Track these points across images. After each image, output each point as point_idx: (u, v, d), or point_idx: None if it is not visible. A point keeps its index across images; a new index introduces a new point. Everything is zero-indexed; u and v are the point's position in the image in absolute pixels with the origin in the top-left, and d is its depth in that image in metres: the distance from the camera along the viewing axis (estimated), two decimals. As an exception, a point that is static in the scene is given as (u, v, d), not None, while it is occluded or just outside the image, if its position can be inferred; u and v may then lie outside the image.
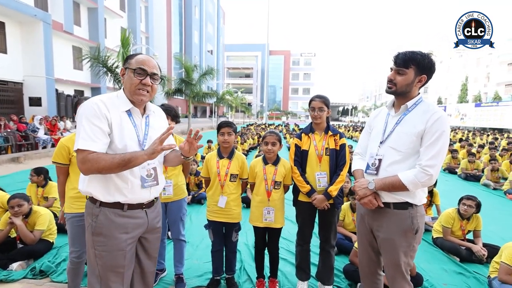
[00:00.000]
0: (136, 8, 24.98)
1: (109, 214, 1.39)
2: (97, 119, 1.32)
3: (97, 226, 1.39)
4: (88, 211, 1.44)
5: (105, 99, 1.39)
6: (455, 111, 31.62)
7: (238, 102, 35.61)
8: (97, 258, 1.40)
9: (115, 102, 1.41)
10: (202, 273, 2.76)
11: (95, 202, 1.41)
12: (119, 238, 1.40)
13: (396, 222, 1.64)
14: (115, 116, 1.37)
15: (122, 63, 11.15)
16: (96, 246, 1.40)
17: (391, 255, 1.67)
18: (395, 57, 1.63)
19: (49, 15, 14.40)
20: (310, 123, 2.44)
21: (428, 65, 1.59)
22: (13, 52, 13.38)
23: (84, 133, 1.30)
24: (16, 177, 6.46)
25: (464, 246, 3.24)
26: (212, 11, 49.35)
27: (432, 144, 1.53)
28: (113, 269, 1.41)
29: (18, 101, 13.87)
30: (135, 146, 1.42)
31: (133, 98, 1.44)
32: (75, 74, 18.39)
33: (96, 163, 1.29)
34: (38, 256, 2.94)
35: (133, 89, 1.42)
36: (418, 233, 1.64)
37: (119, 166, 1.31)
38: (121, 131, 1.38)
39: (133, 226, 1.44)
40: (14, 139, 9.10)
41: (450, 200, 5.21)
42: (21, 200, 2.84)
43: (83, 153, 1.30)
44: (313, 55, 77.74)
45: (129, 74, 1.42)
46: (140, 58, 1.44)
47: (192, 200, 4.96)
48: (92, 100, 1.36)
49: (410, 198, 1.62)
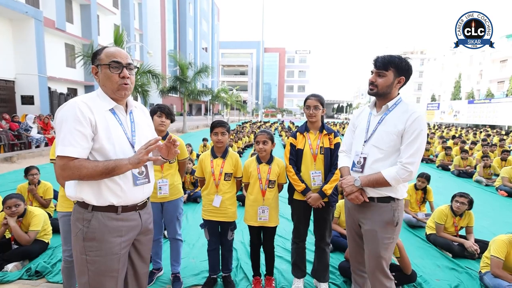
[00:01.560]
0: (130, 5, 24.67)
1: (102, 218, 1.35)
2: (78, 124, 1.25)
3: (89, 231, 1.34)
4: (77, 216, 1.37)
5: (86, 99, 1.33)
6: (448, 108, 31.95)
7: (233, 99, 35.51)
8: (89, 264, 1.35)
9: (97, 102, 1.35)
10: (199, 272, 2.77)
11: (86, 206, 1.35)
12: (113, 242, 1.37)
13: (380, 215, 1.76)
14: (99, 117, 1.32)
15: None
16: (87, 252, 1.35)
17: (372, 246, 1.78)
18: (375, 60, 1.74)
19: (40, 12, 14.15)
20: (305, 122, 2.45)
21: (406, 67, 1.71)
22: (4, 49, 13.14)
23: (64, 139, 1.24)
24: (8, 177, 6.38)
25: (456, 242, 3.30)
26: (206, 8, 49.00)
27: (411, 143, 1.64)
28: (107, 274, 1.38)
29: (10, 100, 13.65)
30: (125, 145, 1.40)
31: (116, 94, 1.39)
32: (68, 72, 18.16)
33: (77, 170, 1.24)
34: (34, 257, 2.92)
35: (115, 85, 1.36)
36: (397, 226, 1.76)
37: (102, 175, 1.27)
38: (107, 131, 1.33)
39: (127, 229, 1.42)
40: (7, 138, 8.97)
41: (443, 196, 5.30)
42: (18, 200, 2.82)
43: (63, 160, 1.24)
44: (308, 53, 77.81)
45: (104, 70, 1.35)
46: (110, 51, 1.37)
47: (188, 198, 4.96)
48: (73, 103, 1.27)
49: (393, 193, 1.74)
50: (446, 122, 31.60)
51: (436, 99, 41.82)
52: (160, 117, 2.42)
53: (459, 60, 38.68)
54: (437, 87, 44.73)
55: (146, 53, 15.63)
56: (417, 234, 3.84)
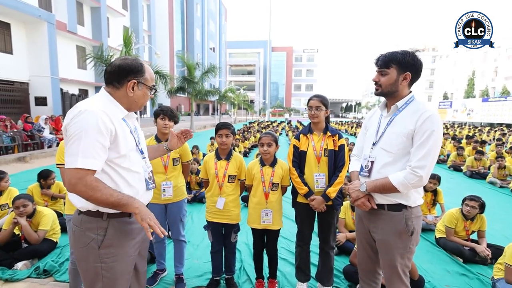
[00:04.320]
0: (138, 6, 25.01)
1: (117, 224, 1.35)
2: (100, 135, 1.22)
3: (106, 239, 1.33)
4: (87, 226, 1.33)
5: (104, 108, 1.29)
6: (461, 107, 31.20)
7: (240, 99, 35.55)
8: (104, 271, 1.33)
9: (113, 110, 1.34)
10: (202, 273, 2.78)
11: (100, 215, 1.33)
12: (128, 245, 1.39)
13: (391, 224, 1.65)
14: (118, 126, 1.32)
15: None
16: (104, 260, 1.33)
17: (387, 256, 1.68)
18: (376, 59, 1.67)
19: (53, 15, 14.50)
20: (309, 123, 2.42)
21: (411, 62, 1.59)
22: (19, 52, 13.53)
23: (85, 150, 1.19)
24: (22, 176, 6.54)
25: (467, 246, 3.20)
26: (214, 8, 49.20)
27: (422, 145, 1.51)
28: (122, 277, 1.39)
29: (24, 101, 14.04)
30: (137, 153, 1.44)
31: (136, 109, 1.45)
32: (79, 73, 18.55)
33: (91, 190, 1.20)
34: (42, 256, 2.98)
35: (144, 104, 1.46)
36: (414, 235, 1.64)
37: (110, 205, 1.25)
38: (125, 140, 1.35)
39: (138, 230, 1.44)
40: (21, 139, 9.22)
41: (455, 198, 5.15)
42: (25, 201, 2.88)
43: (80, 172, 1.19)
44: (316, 51, 77.19)
45: (145, 90, 1.42)
46: (152, 75, 1.45)
47: (193, 199, 4.98)
48: (93, 112, 1.23)
49: (404, 200, 1.62)
50: (459, 121, 30.83)
51: (449, 97, 40.87)
52: (163, 120, 2.42)
53: (473, 57, 37.67)
54: (449, 84, 43.72)
55: (154, 54, 15.81)
56: (426, 237, 3.74)
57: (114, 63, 1.39)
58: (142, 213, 1.28)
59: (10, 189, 3.30)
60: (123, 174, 1.34)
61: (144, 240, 1.56)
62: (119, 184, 1.33)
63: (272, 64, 71.28)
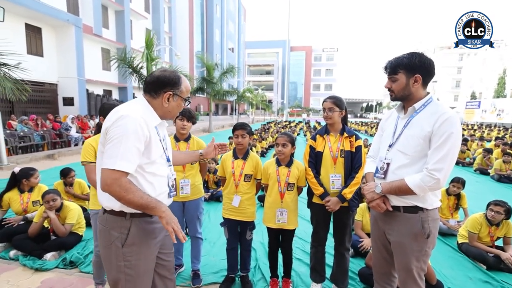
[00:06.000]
0: (160, 9, 25.69)
1: (140, 223, 1.42)
2: (138, 141, 1.30)
3: (129, 238, 1.39)
4: (113, 225, 1.40)
5: (143, 114, 1.37)
6: (490, 107, 29.56)
7: (258, 99, 35.62)
8: (127, 268, 1.39)
9: (149, 117, 1.41)
10: (218, 270, 2.84)
11: (123, 215, 1.39)
12: (150, 243, 1.45)
13: (406, 226, 1.62)
14: (153, 133, 1.40)
15: (146, 64, 11.58)
16: (127, 258, 1.39)
17: (402, 259, 1.66)
18: (384, 67, 1.68)
19: (80, 19, 15.22)
20: (326, 124, 2.41)
21: (419, 63, 1.57)
22: (49, 55, 14.33)
23: (124, 154, 1.27)
24: (50, 172, 6.93)
25: (492, 253, 3.06)
26: (233, 9, 49.58)
27: (440, 147, 1.49)
28: (145, 275, 1.45)
29: (54, 101, 14.85)
30: (162, 159, 1.48)
31: (168, 118, 1.53)
32: (104, 74, 19.32)
33: (124, 191, 1.27)
34: (69, 248, 3.17)
35: (176, 113, 1.54)
36: (430, 238, 1.60)
37: (139, 207, 1.32)
38: (157, 146, 1.42)
39: (159, 230, 1.50)
40: (50, 137, 9.77)
41: (480, 202, 4.91)
42: (54, 195, 3.07)
43: (116, 174, 1.27)
44: (336, 50, 75.89)
45: (180, 102, 1.50)
46: (188, 87, 1.53)
47: (210, 197, 5.07)
48: (135, 119, 1.31)
49: (420, 202, 1.59)
50: (488, 122, 29.23)
51: (477, 96, 38.84)
52: (182, 120, 2.50)
53: (503, 54, 35.59)
54: (478, 83, 41.56)
55: (174, 55, 16.19)
56: (447, 242, 3.61)
57: (154, 74, 1.48)
58: (167, 217, 1.35)
59: (40, 186, 3.48)
60: (148, 179, 1.40)
61: (166, 239, 1.60)
62: (145, 188, 1.38)
63: (291, 64, 70.80)
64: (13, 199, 3.34)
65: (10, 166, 7.13)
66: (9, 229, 3.17)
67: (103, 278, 2.39)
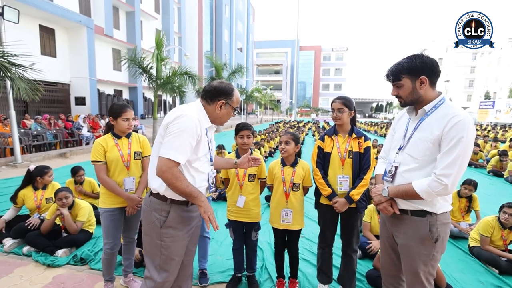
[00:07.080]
0: (170, 9, 25.93)
1: (177, 209, 1.60)
2: (192, 137, 1.51)
3: (168, 220, 1.58)
4: (154, 207, 1.60)
5: (199, 116, 1.58)
6: (506, 107, 28.77)
7: (266, 99, 35.57)
8: (163, 248, 1.59)
9: (203, 120, 1.61)
10: (225, 270, 2.85)
11: (165, 200, 1.58)
12: (184, 229, 1.64)
13: (414, 229, 1.59)
14: (203, 133, 1.59)
15: (156, 64, 11.70)
16: (164, 238, 1.58)
17: (408, 262, 1.63)
18: (386, 75, 1.64)
19: (92, 20, 15.52)
20: (334, 125, 2.39)
21: (420, 65, 1.52)
22: (61, 55, 14.67)
23: (179, 147, 1.47)
24: (62, 171, 7.09)
25: (504, 257, 2.98)
26: (242, 9, 49.67)
27: (449, 151, 1.43)
28: (175, 257, 1.63)
29: (66, 101, 15.21)
30: (206, 157, 1.66)
31: (218, 123, 1.71)
32: (115, 74, 19.63)
33: (175, 178, 1.46)
34: (79, 245, 3.24)
35: (226, 120, 1.71)
36: (438, 242, 1.56)
37: (184, 194, 1.50)
38: (204, 146, 1.61)
39: (193, 218, 1.69)
40: (62, 136, 10.00)
41: (493, 205, 4.80)
42: (67, 193, 3.14)
43: (170, 163, 1.46)
44: (345, 50, 75.15)
45: (229, 110, 1.69)
46: (239, 98, 1.72)
47: (218, 197, 5.10)
48: (193, 118, 1.52)
49: (428, 207, 1.55)
50: (502, 122, 28.43)
51: (491, 96, 37.81)
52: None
53: (520, 53, 34.54)
54: (492, 83, 40.47)
55: (184, 55, 16.31)
56: (458, 245, 3.53)
57: (212, 84, 1.69)
58: (205, 207, 1.53)
59: (53, 184, 3.57)
60: (192, 173, 1.59)
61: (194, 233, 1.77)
62: (189, 179, 1.55)
63: (300, 64, 70.45)
64: (27, 196, 3.43)
65: (24, 165, 7.33)
66: (22, 226, 3.26)
67: (112, 275, 2.44)
